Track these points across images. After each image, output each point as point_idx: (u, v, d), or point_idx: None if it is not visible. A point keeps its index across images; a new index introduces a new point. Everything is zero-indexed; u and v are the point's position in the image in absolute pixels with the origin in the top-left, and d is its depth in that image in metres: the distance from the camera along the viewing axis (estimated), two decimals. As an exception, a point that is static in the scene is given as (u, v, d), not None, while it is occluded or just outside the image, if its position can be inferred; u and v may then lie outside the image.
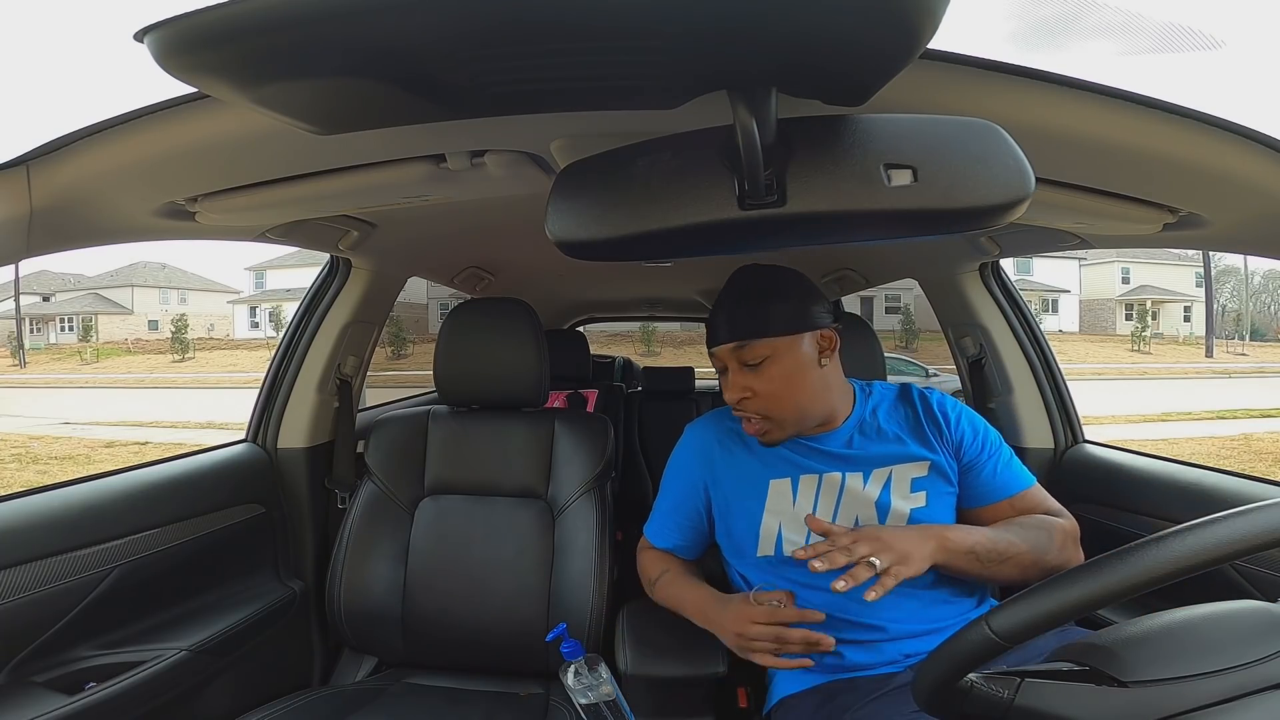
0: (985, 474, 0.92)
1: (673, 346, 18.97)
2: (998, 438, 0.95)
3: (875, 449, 0.92)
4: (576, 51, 0.42)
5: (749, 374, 0.88)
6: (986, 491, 0.92)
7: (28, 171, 0.69)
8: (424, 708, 1.04)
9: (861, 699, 0.79)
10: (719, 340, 0.90)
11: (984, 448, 0.93)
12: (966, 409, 0.97)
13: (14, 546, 0.85)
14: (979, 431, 0.94)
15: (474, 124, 0.67)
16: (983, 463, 0.92)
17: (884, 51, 0.42)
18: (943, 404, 0.96)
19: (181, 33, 0.39)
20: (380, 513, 1.17)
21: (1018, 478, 0.93)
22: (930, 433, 0.93)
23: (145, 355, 22.37)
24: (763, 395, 0.88)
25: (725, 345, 0.89)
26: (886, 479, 0.90)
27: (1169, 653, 0.50)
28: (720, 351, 0.90)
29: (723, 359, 0.91)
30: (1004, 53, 0.55)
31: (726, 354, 0.89)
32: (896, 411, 0.96)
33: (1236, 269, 23.59)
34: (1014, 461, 0.94)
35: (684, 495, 1.00)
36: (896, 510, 0.89)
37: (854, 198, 0.49)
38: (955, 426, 0.93)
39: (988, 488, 0.92)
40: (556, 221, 0.55)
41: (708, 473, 0.98)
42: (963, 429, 0.93)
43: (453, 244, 1.52)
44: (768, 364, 0.87)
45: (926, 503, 0.90)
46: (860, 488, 0.90)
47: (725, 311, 0.90)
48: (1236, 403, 11.56)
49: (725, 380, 0.92)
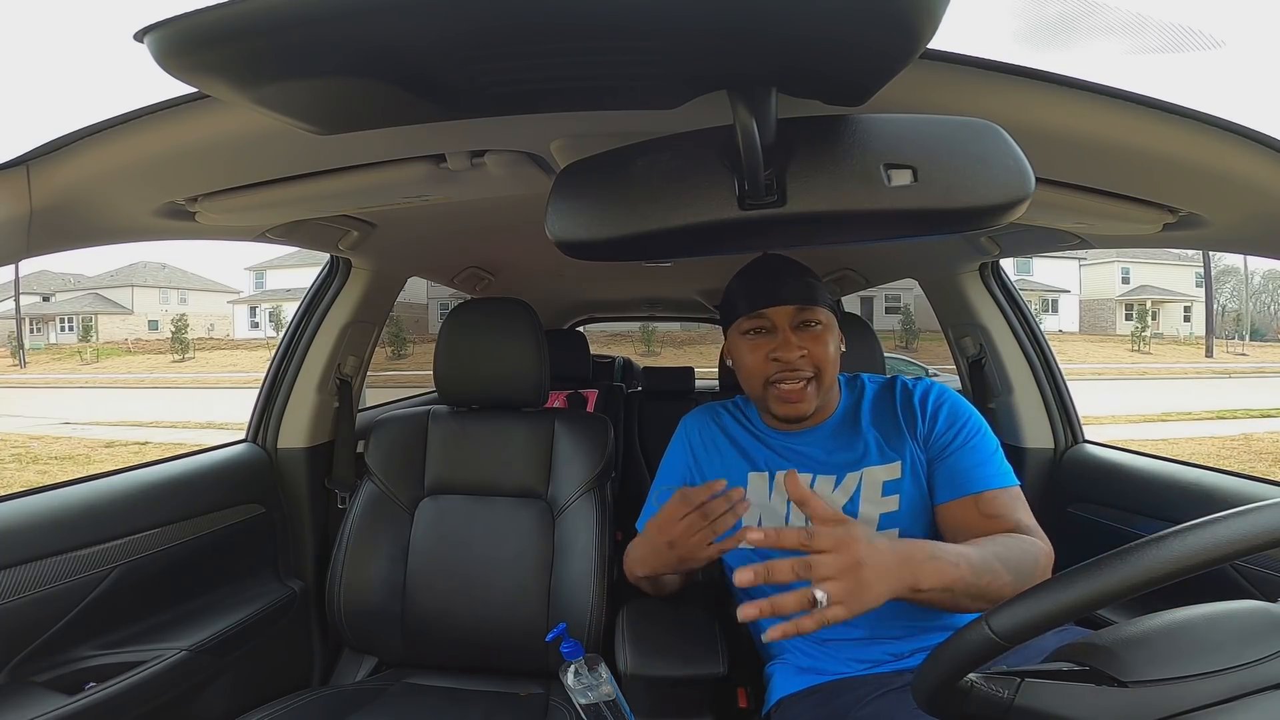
0: (951, 463, 0.87)
1: (673, 346, 18.99)
2: (980, 429, 0.89)
3: (848, 452, 0.92)
4: (576, 51, 0.42)
5: (804, 336, 0.89)
6: (950, 485, 0.86)
7: (28, 171, 0.69)
8: (424, 708, 1.04)
9: (861, 699, 0.79)
10: (781, 300, 0.89)
11: (956, 436, 0.88)
12: (953, 397, 0.93)
13: (14, 546, 0.85)
14: (957, 419, 0.89)
15: (474, 124, 0.67)
16: (952, 451, 0.87)
17: (884, 52, 0.42)
18: (925, 393, 0.93)
19: (181, 33, 0.39)
20: (380, 513, 1.17)
21: (991, 475, 0.85)
22: (905, 428, 0.92)
23: (145, 355, 22.38)
24: (816, 355, 0.88)
25: (788, 305, 0.89)
26: (857, 484, 0.90)
27: (1169, 653, 0.50)
28: (778, 312, 0.89)
29: (775, 319, 0.90)
30: (1009, 51, 0.55)
31: (787, 314, 0.89)
32: (877, 408, 0.96)
33: (1236, 269, 23.61)
34: (995, 459, 0.87)
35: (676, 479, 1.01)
36: (865, 515, 0.88)
37: (854, 198, 0.49)
38: (929, 415, 0.91)
39: (952, 480, 0.86)
40: (556, 221, 0.55)
41: (693, 465, 1.00)
42: (939, 417, 0.90)
43: (453, 244, 1.52)
44: (821, 329, 0.90)
45: (899, 506, 0.88)
46: (830, 491, 0.90)
47: (779, 277, 0.90)
48: (1236, 403, 11.56)
49: (771, 341, 0.89)
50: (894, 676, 0.82)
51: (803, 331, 0.89)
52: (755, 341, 0.91)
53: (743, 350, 0.93)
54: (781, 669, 0.93)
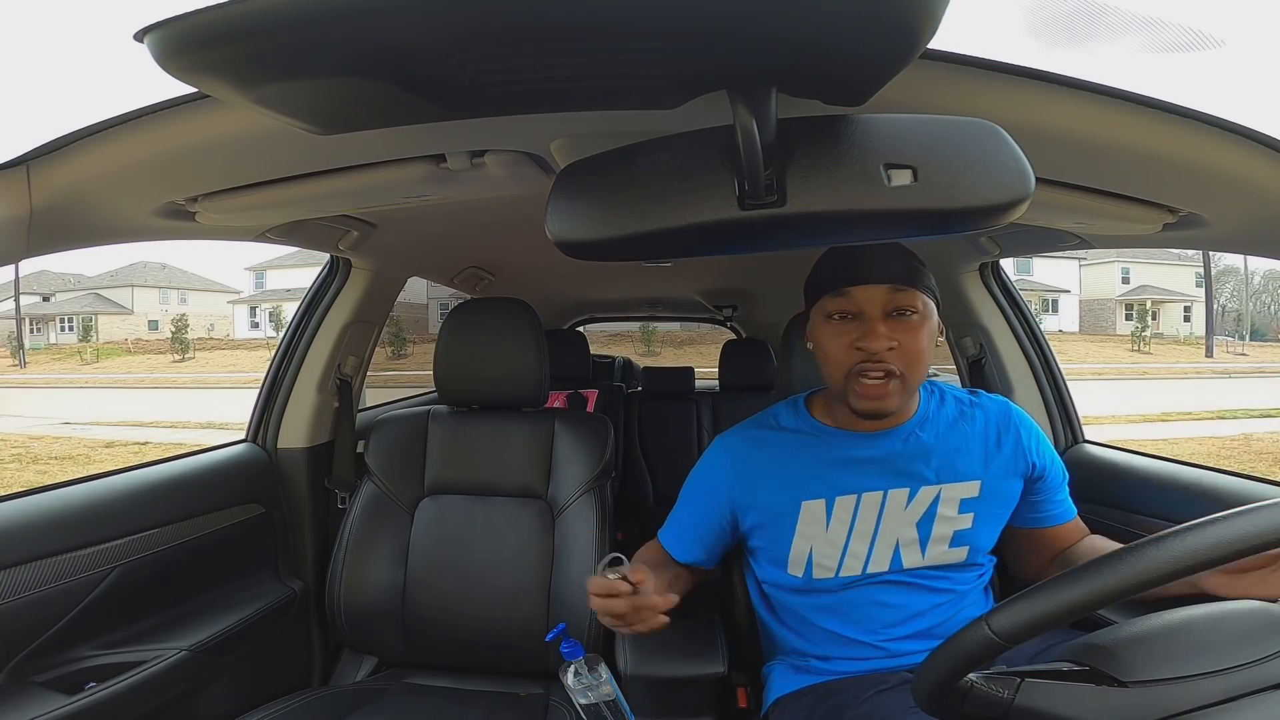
0: (1038, 492, 0.89)
1: (673, 346, 18.99)
2: (1056, 456, 0.92)
3: (929, 462, 0.85)
4: (576, 51, 0.42)
5: (894, 324, 0.79)
6: (1036, 514, 0.90)
7: (28, 171, 0.69)
8: (424, 708, 1.04)
9: (859, 697, 0.79)
10: (873, 277, 0.79)
11: (1047, 467, 0.89)
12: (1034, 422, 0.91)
13: (14, 546, 0.85)
14: (1044, 449, 0.89)
15: (474, 124, 0.67)
16: (1038, 478, 0.88)
17: (884, 52, 0.42)
18: (1017, 418, 0.90)
19: (181, 33, 0.39)
20: (380, 513, 1.17)
21: (1069, 506, 0.91)
22: (991, 447, 0.87)
23: (145, 355, 22.38)
24: (907, 350, 0.79)
25: (880, 285, 0.79)
26: (933, 499, 0.85)
27: (1169, 653, 0.50)
28: (869, 295, 0.80)
29: (864, 304, 0.80)
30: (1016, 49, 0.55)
31: (876, 296, 0.79)
32: (960, 419, 0.89)
33: (1236, 269, 23.60)
34: (1065, 486, 0.92)
35: (709, 512, 0.94)
36: (938, 534, 0.84)
37: (854, 198, 0.49)
38: (1019, 440, 0.88)
39: (1037, 509, 0.90)
40: (556, 221, 0.55)
41: (736, 492, 0.91)
42: (1031, 445, 0.88)
43: (453, 244, 1.52)
44: (917, 319, 0.80)
45: (973, 525, 0.85)
46: (903, 507, 0.84)
47: (873, 252, 0.81)
48: (1236, 403, 11.56)
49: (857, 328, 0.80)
50: (891, 675, 0.82)
51: (895, 320, 0.79)
52: (840, 327, 0.82)
53: (825, 335, 0.83)
54: (779, 668, 0.93)
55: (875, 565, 0.85)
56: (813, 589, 0.88)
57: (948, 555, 0.85)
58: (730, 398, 2.41)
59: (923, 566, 0.85)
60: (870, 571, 0.85)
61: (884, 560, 0.85)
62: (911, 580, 0.86)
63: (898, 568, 0.85)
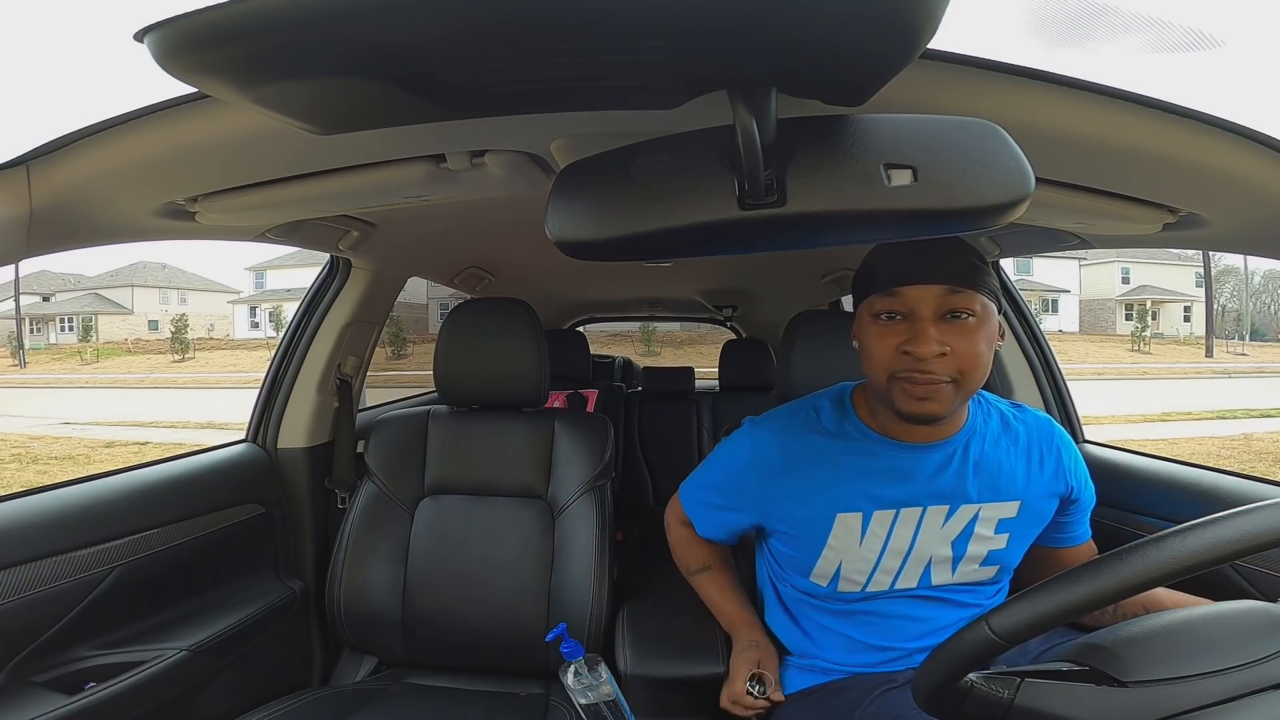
0: (1068, 515, 0.88)
1: (673, 346, 18.99)
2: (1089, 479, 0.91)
3: (972, 481, 0.81)
4: (576, 51, 0.42)
5: (947, 328, 0.73)
6: (1060, 534, 0.89)
7: (28, 171, 0.69)
8: (424, 708, 1.04)
9: (865, 696, 0.79)
10: (926, 277, 0.73)
11: (1083, 493, 0.87)
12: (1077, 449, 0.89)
13: (14, 546, 0.85)
14: (1083, 474, 0.88)
15: (474, 124, 0.67)
16: (1073, 501, 0.87)
17: (884, 52, 0.42)
18: (1062, 440, 0.87)
19: (181, 33, 0.39)
20: (380, 513, 1.17)
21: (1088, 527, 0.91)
22: (1035, 468, 0.84)
23: (145, 355, 22.38)
24: (961, 356, 0.72)
25: (935, 286, 0.72)
26: (973, 516, 0.82)
27: (1169, 653, 0.50)
28: (920, 296, 0.73)
29: (915, 305, 0.73)
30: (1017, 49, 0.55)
31: (929, 296, 0.73)
32: (1006, 434, 0.85)
33: (1236, 269, 23.60)
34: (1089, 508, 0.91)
35: (735, 505, 0.92)
36: (972, 553, 0.83)
37: (854, 198, 0.49)
38: (1070, 468, 0.86)
39: (1061, 530, 0.89)
40: (556, 221, 0.55)
41: (768, 500, 0.87)
42: (1075, 471, 0.86)
43: (453, 244, 1.52)
44: (974, 323, 0.73)
45: (1007, 545, 0.83)
46: (939, 525, 0.82)
47: (928, 249, 0.74)
48: (1236, 403, 11.56)
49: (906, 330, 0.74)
50: (893, 675, 0.82)
51: (949, 324, 0.73)
52: (887, 328, 0.75)
53: (870, 336, 0.77)
54: (782, 668, 0.93)
55: (904, 582, 0.84)
56: (835, 598, 0.87)
57: (977, 574, 0.85)
58: (730, 398, 2.41)
59: (950, 584, 0.85)
60: (898, 588, 0.85)
61: (913, 577, 0.84)
62: (938, 596, 0.85)
63: (926, 584, 0.84)
